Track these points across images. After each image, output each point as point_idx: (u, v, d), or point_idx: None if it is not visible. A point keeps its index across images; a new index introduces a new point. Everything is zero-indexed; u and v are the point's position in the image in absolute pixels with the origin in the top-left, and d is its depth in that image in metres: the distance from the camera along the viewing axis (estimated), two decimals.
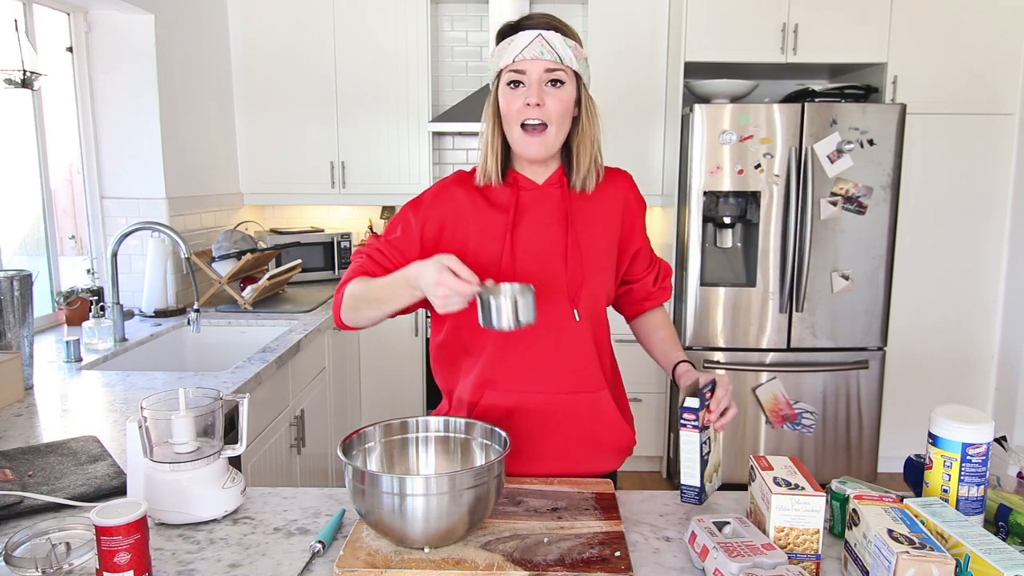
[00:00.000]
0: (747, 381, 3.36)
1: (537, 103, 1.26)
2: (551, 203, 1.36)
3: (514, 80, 1.28)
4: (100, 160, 2.96)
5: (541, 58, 1.25)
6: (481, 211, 1.35)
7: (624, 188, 1.43)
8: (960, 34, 3.33)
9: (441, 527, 0.99)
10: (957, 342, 3.57)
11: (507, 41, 1.29)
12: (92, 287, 2.77)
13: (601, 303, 1.38)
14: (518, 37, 1.27)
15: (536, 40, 1.26)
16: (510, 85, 1.28)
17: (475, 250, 1.33)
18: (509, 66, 1.27)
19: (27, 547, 1.03)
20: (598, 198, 1.39)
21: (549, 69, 1.26)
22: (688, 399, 1.14)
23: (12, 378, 1.81)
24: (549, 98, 1.27)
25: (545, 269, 1.33)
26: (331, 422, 3.04)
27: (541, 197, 1.36)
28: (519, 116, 1.28)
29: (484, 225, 1.34)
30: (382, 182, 3.70)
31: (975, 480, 1.01)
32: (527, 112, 1.27)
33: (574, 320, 1.32)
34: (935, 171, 3.44)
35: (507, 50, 1.28)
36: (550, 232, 1.35)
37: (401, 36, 3.59)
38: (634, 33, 3.55)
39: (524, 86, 1.27)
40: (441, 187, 1.39)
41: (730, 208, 3.31)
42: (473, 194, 1.37)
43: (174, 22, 3.04)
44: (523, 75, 1.27)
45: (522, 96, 1.27)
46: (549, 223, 1.35)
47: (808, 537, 0.99)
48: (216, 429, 1.18)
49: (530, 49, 1.25)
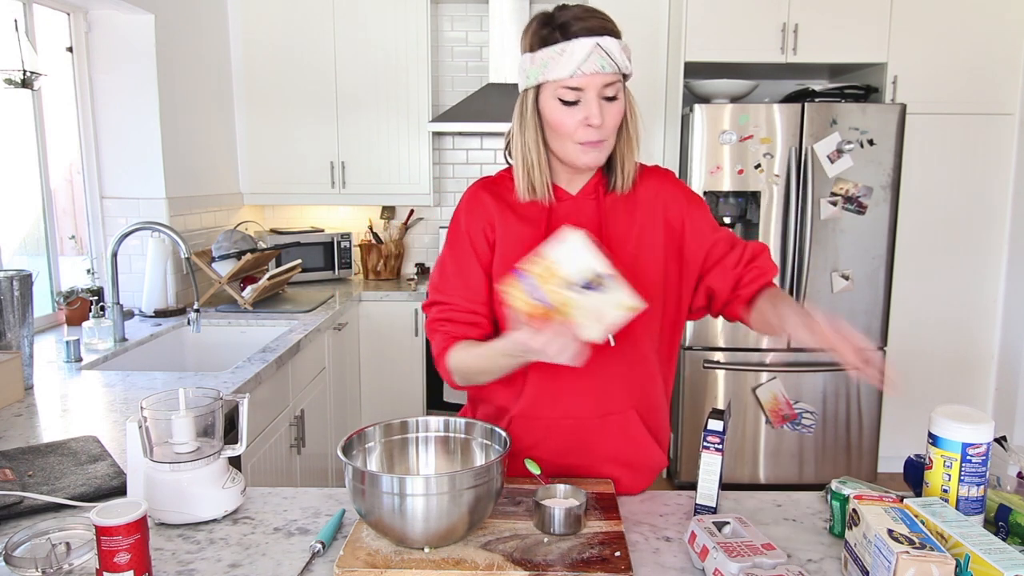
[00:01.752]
0: (747, 381, 3.36)
1: (600, 123, 1.15)
2: (585, 215, 1.26)
3: (571, 98, 1.15)
4: (100, 160, 2.96)
5: (602, 72, 1.13)
6: (510, 224, 1.26)
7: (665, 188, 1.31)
8: (960, 34, 3.33)
9: (441, 527, 0.99)
10: (957, 342, 3.57)
11: (556, 49, 1.14)
12: (92, 287, 2.77)
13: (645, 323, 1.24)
14: (573, 47, 1.12)
15: (595, 52, 1.12)
16: (564, 102, 1.16)
17: (504, 266, 1.24)
18: (564, 81, 1.14)
19: (27, 547, 1.03)
20: (637, 203, 1.28)
21: (608, 84, 1.15)
22: (712, 422, 1.14)
23: (12, 378, 1.81)
24: (608, 115, 1.17)
25: None
26: (331, 422, 3.04)
27: (575, 209, 1.27)
28: (576, 135, 1.17)
29: (513, 239, 1.26)
30: (382, 182, 3.70)
31: (975, 480, 1.01)
32: (588, 133, 1.16)
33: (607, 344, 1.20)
34: (935, 171, 3.44)
35: (558, 61, 1.13)
36: None
37: (401, 36, 3.59)
38: (634, 33, 3.55)
39: (580, 104, 1.15)
40: (471, 196, 1.30)
41: (730, 208, 3.31)
42: (502, 205, 1.27)
43: (174, 22, 3.04)
44: (580, 92, 1.15)
45: (579, 113, 1.16)
46: None
47: None
48: (216, 429, 1.18)
49: (590, 63, 1.12)
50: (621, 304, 1.03)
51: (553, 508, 1.07)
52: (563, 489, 1.13)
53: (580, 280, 1.02)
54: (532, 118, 1.21)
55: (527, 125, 1.22)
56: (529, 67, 1.18)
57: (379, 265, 3.88)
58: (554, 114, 1.18)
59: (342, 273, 3.84)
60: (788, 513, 1.20)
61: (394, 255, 3.89)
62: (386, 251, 3.88)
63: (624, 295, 1.03)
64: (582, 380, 1.26)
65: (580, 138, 1.18)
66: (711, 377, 3.38)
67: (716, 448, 1.14)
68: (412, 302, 3.49)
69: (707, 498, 1.15)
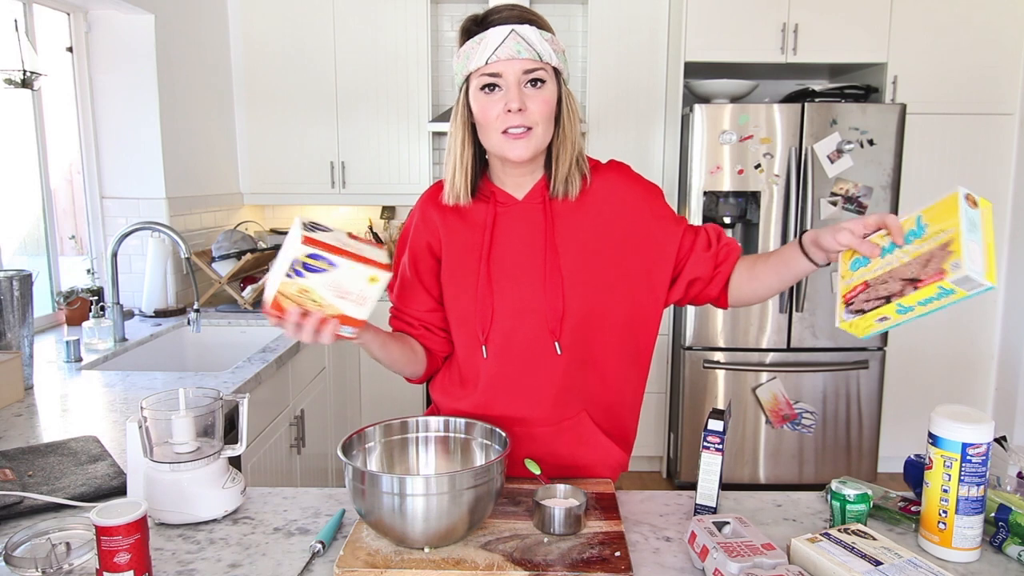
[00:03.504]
0: (747, 381, 3.36)
1: (520, 108, 1.13)
2: (531, 220, 1.24)
3: (489, 84, 1.15)
4: (100, 160, 2.96)
5: (518, 57, 1.12)
6: (455, 232, 1.26)
7: (620, 184, 1.27)
8: (960, 34, 3.33)
9: (441, 527, 0.99)
10: (957, 342, 3.57)
11: (475, 40, 1.15)
12: (92, 287, 2.77)
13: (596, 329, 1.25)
14: (488, 35, 1.13)
15: (510, 37, 1.12)
16: (484, 90, 1.15)
17: (450, 275, 1.26)
18: (481, 69, 1.14)
19: (27, 547, 1.03)
20: (591, 202, 1.25)
21: (528, 69, 1.14)
22: (712, 422, 1.14)
23: (12, 378, 1.81)
24: (531, 100, 1.14)
25: (524, 298, 1.22)
26: (331, 422, 3.03)
27: (521, 214, 1.24)
28: (499, 124, 1.15)
29: (459, 247, 1.25)
30: (382, 182, 3.70)
31: (975, 480, 1.01)
32: (509, 119, 1.14)
33: (555, 353, 1.23)
34: (935, 171, 3.44)
35: (476, 51, 1.14)
36: (527, 254, 1.23)
37: (401, 36, 3.59)
38: (634, 33, 3.55)
39: (501, 90, 1.15)
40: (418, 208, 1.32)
41: (730, 208, 3.31)
42: (446, 212, 1.27)
43: (174, 22, 3.04)
44: (499, 78, 1.14)
45: (500, 101, 1.14)
46: (529, 244, 1.23)
47: None
48: (216, 429, 1.18)
49: (504, 48, 1.12)
50: (361, 276, 1.06)
51: (553, 508, 1.07)
52: (563, 489, 1.13)
53: (294, 264, 1.04)
54: (462, 115, 1.21)
55: (457, 124, 1.22)
56: (457, 63, 1.19)
57: None
58: (477, 104, 1.17)
59: None
60: (788, 513, 1.20)
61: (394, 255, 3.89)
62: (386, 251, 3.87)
63: (360, 269, 1.06)
64: (532, 387, 1.26)
65: (502, 125, 1.15)
66: (711, 377, 3.38)
67: (716, 448, 1.14)
68: None
69: (707, 498, 1.16)
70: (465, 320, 1.27)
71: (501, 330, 1.24)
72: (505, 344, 1.25)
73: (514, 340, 1.25)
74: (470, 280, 1.25)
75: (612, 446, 1.33)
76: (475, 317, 1.25)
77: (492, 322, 1.24)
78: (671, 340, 3.55)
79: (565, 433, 1.30)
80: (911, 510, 1.15)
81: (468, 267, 1.25)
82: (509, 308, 1.24)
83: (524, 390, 1.27)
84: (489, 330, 1.24)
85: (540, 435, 1.30)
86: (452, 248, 1.27)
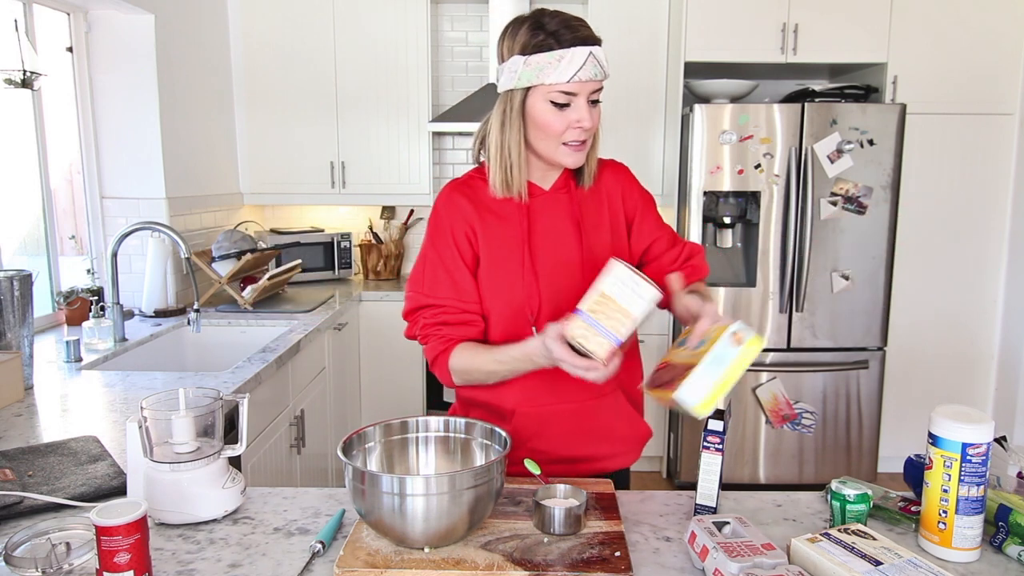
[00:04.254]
0: (747, 381, 3.36)
1: (590, 126, 1.23)
2: (560, 208, 1.33)
3: (563, 102, 1.22)
4: (100, 160, 2.96)
5: (594, 79, 1.21)
6: (489, 224, 1.31)
7: (622, 180, 1.40)
8: (960, 34, 3.33)
9: (441, 527, 0.99)
10: (957, 342, 3.57)
11: (552, 55, 1.19)
12: (92, 287, 2.77)
13: None
14: (571, 55, 1.19)
15: (589, 60, 1.20)
16: (556, 105, 1.22)
17: (493, 266, 1.31)
18: (559, 86, 1.20)
19: (27, 547, 1.03)
20: (601, 194, 1.37)
21: (596, 89, 1.23)
22: (712, 422, 1.15)
23: (12, 378, 1.81)
24: (593, 116, 1.24)
25: (563, 281, 1.30)
26: (331, 422, 3.04)
27: (550, 203, 1.34)
28: (564, 136, 1.24)
29: (497, 238, 1.31)
30: (382, 182, 3.70)
31: (975, 480, 1.01)
32: (574, 134, 1.24)
33: None
34: (935, 171, 3.44)
35: (554, 67, 1.19)
36: (564, 241, 1.32)
37: (401, 36, 3.59)
38: (634, 33, 3.55)
39: (569, 108, 1.22)
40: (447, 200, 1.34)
41: (730, 208, 3.31)
42: (478, 206, 1.32)
43: (174, 22, 3.04)
44: (573, 96, 1.21)
45: (569, 116, 1.22)
46: (561, 231, 1.32)
47: None
48: (216, 429, 1.18)
49: (585, 71, 1.19)
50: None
51: (553, 508, 1.07)
52: (563, 489, 1.13)
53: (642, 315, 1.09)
54: (517, 118, 1.26)
55: (511, 125, 1.26)
56: (523, 70, 1.22)
57: (379, 265, 3.88)
58: (544, 116, 1.23)
59: (342, 273, 3.84)
60: (788, 513, 1.20)
61: (394, 255, 3.90)
62: (386, 251, 3.88)
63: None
64: None
65: (568, 139, 1.25)
66: None
67: (716, 448, 1.15)
68: None
69: (707, 498, 1.16)
70: (513, 309, 1.30)
71: (548, 314, 1.29)
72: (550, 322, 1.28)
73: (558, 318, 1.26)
74: (515, 269, 1.30)
75: (640, 419, 1.43)
76: (526, 304, 1.29)
77: (541, 304, 1.30)
78: (671, 340, 3.55)
79: (605, 409, 1.37)
80: (911, 510, 1.15)
81: (512, 257, 1.30)
82: (553, 292, 1.30)
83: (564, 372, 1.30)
84: (538, 315, 1.29)
85: (584, 411, 1.36)
86: (489, 240, 1.31)
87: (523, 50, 1.21)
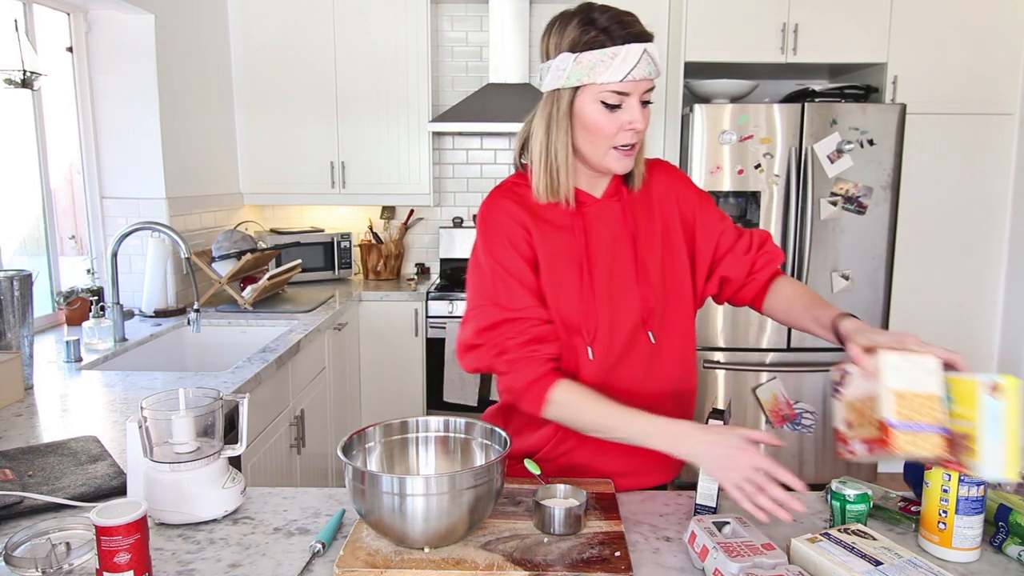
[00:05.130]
0: (747, 381, 3.36)
1: (642, 127, 1.16)
2: (613, 218, 1.26)
3: (615, 103, 1.14)
4: (100, 160, 2.96)
5: (649, 77, 1.13)
6: (545, 232, 1.23)
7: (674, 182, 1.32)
8: (960, 34, 3.33)
9: (441, 527, 0.99)
10: (957, 342, 3.56)
11: (605, 53, 1.11)
12: (92, 287, 2.77)
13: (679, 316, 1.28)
14: (625, 52, 1.11)
15: (644, 58, 1.12)
16: (607, 105, 1.15)
17: (550, 278, 1.22)
18: (611, 85, 1.13)
19: (27, 547, 1.03)
20: (651, 197, 1.29)
21: (648, 89, 1.16)
22: (712, 422, 1.15)
23: (12, 378, 1.81)
24: (645, 118, 1.17)
25: (619, 300, 1.24)
26: (331, 422, 3.04)
27: (602, 212, 1.26)
28: (616, 139, 1.17)
29: (554, 249, 1.23)
30: (382, 182, 3.70)
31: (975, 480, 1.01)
32: (626, 136, 1.16)
33: (650, 343, 1.25)
34: (935, 171, 3.44)
35: (607, 64, 1.11)
36: (620, 255, 1.25)
37: (401, 36, 3.59)
38: None
39: (621, 109, 1.15)
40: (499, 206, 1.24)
41: (730, 208, 3.31)
42: (530, 214, 1.24)
43: (174, 22, 3.04)
44: (625, 97, 1.14)
45: (621, 117, 1.15)
46: (615, 240, 1.25)
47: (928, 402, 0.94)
48: (216, 429, 1.18)
49: (639, 69, 1.12)
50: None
51: (553, 508, 1.07)
52: (563, 489, 1.13)
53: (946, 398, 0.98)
54: (564, 119, 1.18)
55: (558, 126, 1.19)
56: (572, 68, 1.14)
57: (379, 265, 3.88)
58: (595, 117, 1.16)
59: (342, 273, 3.84)
60: None
61: (394, 255, 3.89)
62: (386, 251, 3.88)
63: None
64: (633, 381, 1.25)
65: (619, 142, 1.17)
66: (711, 377, 3.38)
67: None
68: (412, 302, 3.49)
69: (707, 498, 1.16)
70: (568, 327, 1.23)
71: (603, 336, 1.23)
72: (608, 342, 1.24)
73: (615, 337, 1.24)
74: (572, 282, 1.22)
75: None
76: (583, 324, 1.22)
77: (598, 328, 1.23)
78: None
79: None
80: (911, 510, 1.15)
81: (568, 269, 1.23)
82: (608, 306, 1.23)
83: (626, 386, 1.25)
84: (596, 330, 1.23)
85: None
86: (547, 249, 1.23)
87: (572, 47, 1.14)
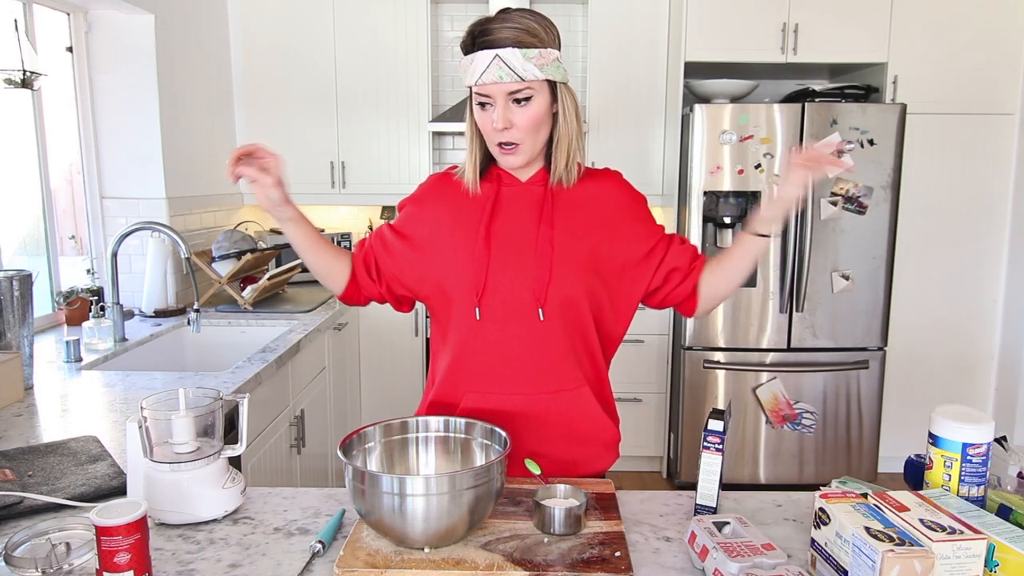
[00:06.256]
0: (747, 381, 3.36)
1: (504, 126, 1.23)
2: (531, 200, 1.34)
3: (481, 101, 1.25)
4: (100, 160, 2.96)
5: (501, 82, 1.20)
6: (460, 202, 1.36)
7: (614, 190, 1.38)
8: (960, 34, 3.33)
9: (441, 527, 0.99)
10: (957, 342, 3.57)
11: (468, 59, 1.23)
12: (92, 287, 2.77)
13: (579, 302, 1.31)
14: (476, 59, 1.21)
15: (494, 63, 1.20)
16: (479, 105, 1.26)
17: (449, 236, 1.34)
18: (473, 88, 1.25)
19: (27, 547, 1.03)
20: (584, 198, 1.35)
21: (512, 91, 1.22)
22: (712, 422, 1.15)
23: (12, 378, 1.81)
24: (517, 116, 1.24)
25: (514, 265, 1.31)
26: (331, 422, 3.04)
27: (521, 193, 1.35)
28: (492, 136, 1.27)
29: (462, 214, 1.35)
30: (382, 182, 3.71)
31: (975, 480, 1.01)
32: (498, 135, 1.26)
33: (539, 320, 1.29)
34: (935, 171, 3.44)
35: (468, 70, 1.23)
36: (525, 228, 1.32)
37: (401, 35, 3.59)
38: (634, 33, 3.55)
39: (491, 106, 1.24)
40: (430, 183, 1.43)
41: (730, 208, 3.31)
42: (455, 189, 1.38)
43: (174, 22, 3.04)
44: (488, 97, 1.24)
45: (490, 118, 1.25)
46: (525, 219, 1.33)
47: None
48: (216, 429, 1.18)
49: (488, 73, 1.20)
50: None
51: (553, 508, 1.07)
52: (563, 489, 1.13)
53: None
54: (470, 117, 1.32)
55: (468, 123, 1.34)
56: (460, 73, 1.29)
57: None
58: (477, 116, 1.29)
59: None
60: (788, 513, 1.20)
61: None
62: None
63: None
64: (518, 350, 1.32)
65: (496, 139, 1.27)
66: (711, 377, 3.38)
67: (716, 448, 1.15)
68: None
69: (707, 498, 1.16)
70: (461, 282, 1.32)
71: (494, 293, 1.31)
72: (496, 307, 1.31)
73: (505, 303, 1.31)
74: (469, 244, 1.33)
75: (608, 421, 1.39)
76: (472, 280, 1.31)
77: (486, 285, 1.30)
78: (671, 340, 3.55)
79: (565, 403, 1.34)
80: None
81: (469, 233, 1.34)
82: (502, 273, 1.30)
83: (513, 354, 1.31)
84: (483, 292, 1.30)
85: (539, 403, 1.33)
86: (456, 213, 1.36)
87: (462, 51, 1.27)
